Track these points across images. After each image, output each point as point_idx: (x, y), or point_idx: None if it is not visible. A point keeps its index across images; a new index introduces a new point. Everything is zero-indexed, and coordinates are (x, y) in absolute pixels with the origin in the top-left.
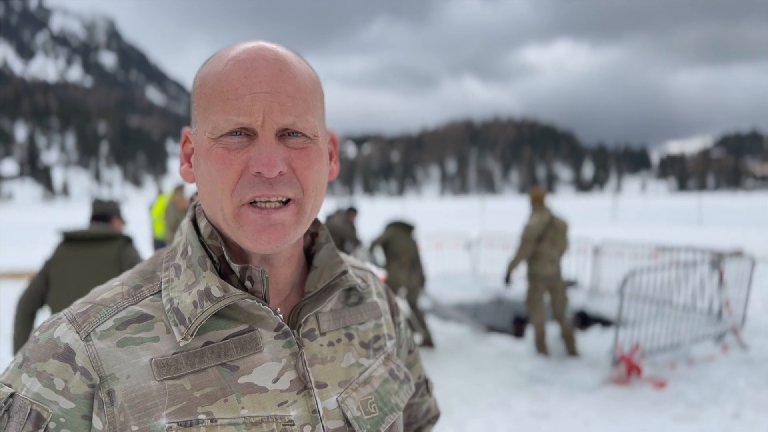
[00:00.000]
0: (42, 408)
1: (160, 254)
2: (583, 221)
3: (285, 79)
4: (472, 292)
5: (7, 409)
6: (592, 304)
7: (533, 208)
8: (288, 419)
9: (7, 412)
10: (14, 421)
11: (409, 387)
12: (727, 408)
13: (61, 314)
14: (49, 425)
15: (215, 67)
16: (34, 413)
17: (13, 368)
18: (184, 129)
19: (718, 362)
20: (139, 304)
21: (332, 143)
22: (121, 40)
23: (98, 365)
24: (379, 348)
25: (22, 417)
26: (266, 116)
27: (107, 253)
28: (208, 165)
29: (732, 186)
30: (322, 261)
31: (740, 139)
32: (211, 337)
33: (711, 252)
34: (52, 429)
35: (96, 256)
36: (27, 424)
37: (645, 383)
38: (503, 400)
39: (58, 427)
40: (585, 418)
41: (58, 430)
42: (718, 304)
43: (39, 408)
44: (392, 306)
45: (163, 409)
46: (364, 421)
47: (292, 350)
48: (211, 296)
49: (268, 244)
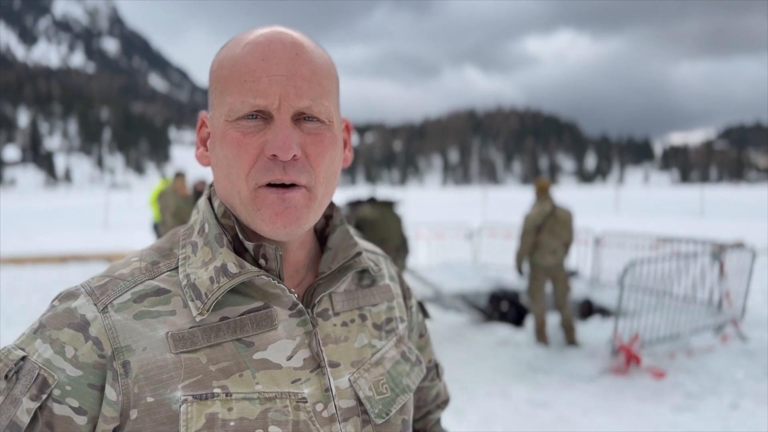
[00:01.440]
0: (48, 374)
1: (176, 232)
2: (585, 212)
3: (301, 62)
4: (473, 281)
5: (17, 371)
6: (593, 294)
7: (537, 197)
8: (301, 396)
9: (16, 374)
10: (21, 383)
11: (420, 369)
12: (726, 399)
13: (80, 286)
14: (54, 392)
15: (232, 51)
16: (40, 378)
17: (29, 333)
18: (200, 113)
19: (717, 353)
20: (157, 279)
21: (347, 131)
22: (123, 26)
23: (114, 336)
24: (391, 330)
25: (28, 380)
26: (282, 99)
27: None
28: (224, 148)
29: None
30: (336, 242)
31: (744, 131)
32: (227, 312)
33: (712, 243)
34: (57, 396)
35: None
36: (32, 387)
37: (644, 373)
38: (502, 389)
39: (63, 395)
40: (584, 407)
41: (63, 398)
42: (718, 296)
43: (46, 373)
44: (404, 290)
45: (178, 381)
46: (376, 401)
47: (306, 329)
48: (227, 272)
49: (284, 228)
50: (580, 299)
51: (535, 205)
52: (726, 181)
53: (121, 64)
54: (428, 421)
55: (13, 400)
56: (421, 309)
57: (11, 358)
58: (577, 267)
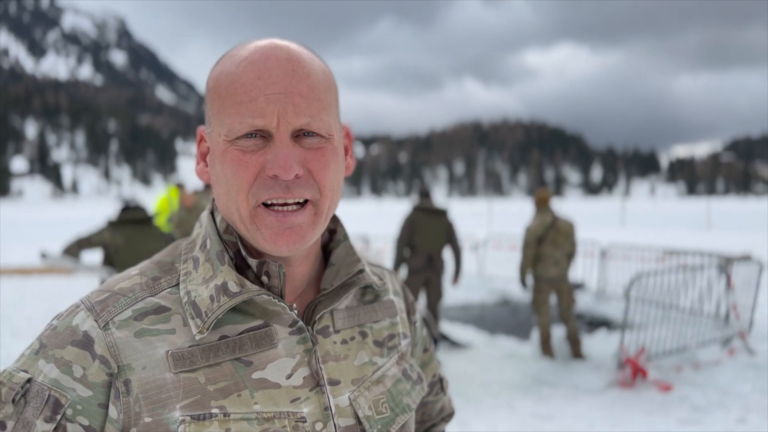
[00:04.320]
0: (60, 394)
1: (178, 245)
2: (591, 224)
3: (298, 79)
4: (479, 293)
5: (24, 394)
6: (599, 306)
7: (537, 209)
8: (300, 416)
9: (23, 397)
10: (31, 406)
11: (422, 388)
12: (733, 412)
13: (79, 302)
14: (67, 411)
15: (228, 68)
16: (52, 399)
17: (29, 354)
18: (199, 128)
19: (724, 366)
20: (158, 295)
21: (347, 138)
22: (131, 39)
23: (116, 354)
24: (393, 347)
25: (39, 402)
26: (281, 118)
27: None
28: (224, 167)
29: (742, 190)
30: (339, 258)
31: (750, 143)
32: (227, 331)
33: (719, 256)
34: (69, 415)
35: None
36: (44, 409)
37: (650, 386)
38: (507, 401)
39: (74, 414)
40: (589, 421)
41: (74, 417)
42: (725, 308)
43: (57, 394)
44: (409, 304)
45: (177, 401)
46: (375, 421)
47: (306, 347)
48: (227, 291)
49: (287, 247)
50: (580, 313)
51: (536, 217)
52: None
53: (129, 76)
54: None
55: (25, 424)
56: (426, 326)
57: (16, 381)
58: (583, 279)
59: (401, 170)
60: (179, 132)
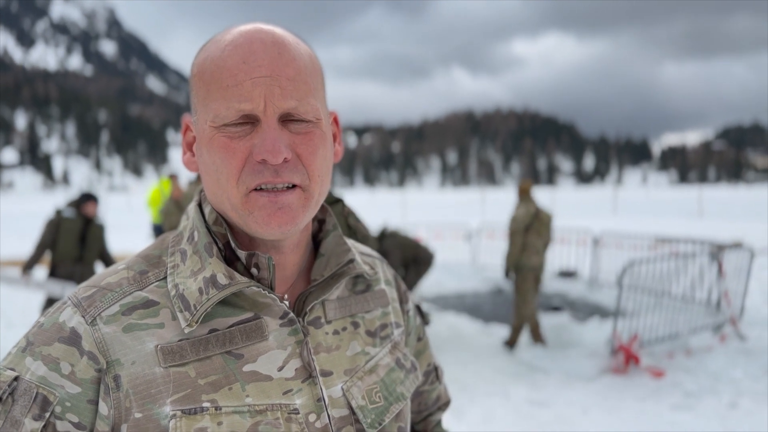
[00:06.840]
0: (48, 391)
1: (165, 238)
2: (583, 213)
3: (284, 62)
4: (472, 282)
5: (11, 392)
6: (592, 294)
7: (520, 199)
8: (293, 407)
9: (11, 396)
10: (19, 405)
11: (416, 376)
12: (724, 398)
13: (66, 298)
14: (55, 409)
15: (213, 53)
16: (40, 396)
17: (16, 352)
18: (183, 117)
19: (715, 352)
20: (145, 289)
21: (335, 124)
22: (121, 28)
23: (104, 350)
24: (385, 336)
25: (27, 400)
26: (267, 101)
27: None
28: (212, 154)
29: (733, 178)
30: (329, 248)
31: (742, 131)
32: (217, 324)
33: (710, 243)
34: (58, 413)
35: None
36: (33, 407)
37: (643, 373)
38: (502, 389)
39: (63, 411)
40: (583, 407)
41: (63, 414)
42: (716, 295)
43: (45, 391)
44: (401, 293)
45: (167, 396)
46: (369, 411)
47: (298, 338)
48: (216, 283)
49: (279, 228)
50: (572, 300)
51: (520, 207)
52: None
53: (119, 66)
54: (429, 423)
55: (13, 423)
56: (419, 313)
57: (2, 379)
58: (576, 267)
59: (394, 160)
60: (170, 122)
